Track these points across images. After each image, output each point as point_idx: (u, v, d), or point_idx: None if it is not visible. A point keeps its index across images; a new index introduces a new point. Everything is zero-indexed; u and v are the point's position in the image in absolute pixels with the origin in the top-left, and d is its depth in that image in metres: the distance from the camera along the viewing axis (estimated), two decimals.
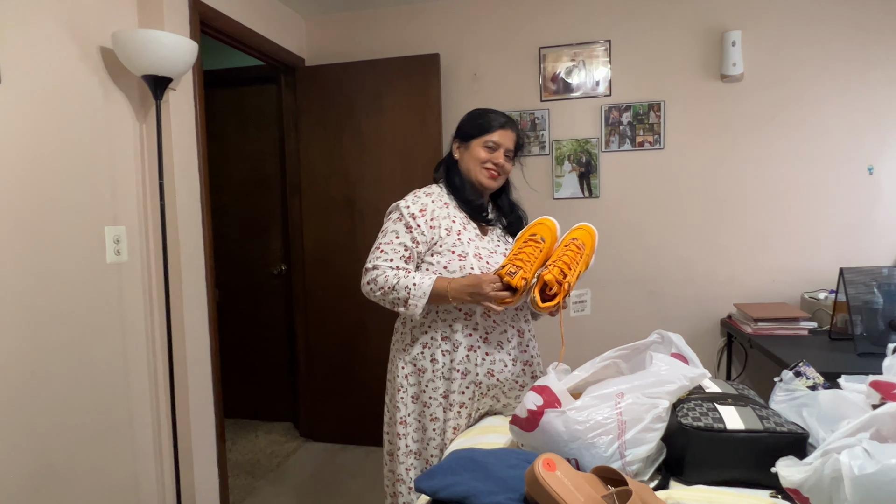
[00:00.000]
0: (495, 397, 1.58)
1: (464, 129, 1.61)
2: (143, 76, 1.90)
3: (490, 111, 1.61)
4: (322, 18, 3.13)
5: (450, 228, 1.54)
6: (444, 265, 1.51)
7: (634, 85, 2.81)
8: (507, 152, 1.57)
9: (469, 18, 2.97)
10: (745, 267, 2.76)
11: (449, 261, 1.51)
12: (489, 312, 1.52)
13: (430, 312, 1.56)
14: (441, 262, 1.52)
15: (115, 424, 1.95)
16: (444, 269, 1.51)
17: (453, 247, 1.52)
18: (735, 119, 2.72)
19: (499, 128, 1.56)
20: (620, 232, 2.87)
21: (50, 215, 1.71)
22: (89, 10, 1.85)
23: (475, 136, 1.57)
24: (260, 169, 3.39)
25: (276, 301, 3.42)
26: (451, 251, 1.52)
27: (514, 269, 1.35)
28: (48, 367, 1.70)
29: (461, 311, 1.53)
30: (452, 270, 1.51)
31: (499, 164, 1.56)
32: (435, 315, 1.55)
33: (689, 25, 2.73)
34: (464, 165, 1.60)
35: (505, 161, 1.57)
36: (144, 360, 2.08)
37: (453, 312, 1.53)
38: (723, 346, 2.78)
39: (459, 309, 1.52)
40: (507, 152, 1.57)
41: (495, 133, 1.55)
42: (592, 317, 2.97)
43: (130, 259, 2.02)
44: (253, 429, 3.40)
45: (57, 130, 1.74)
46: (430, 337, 1.55)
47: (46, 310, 1.70)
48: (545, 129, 2.91)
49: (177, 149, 2.13)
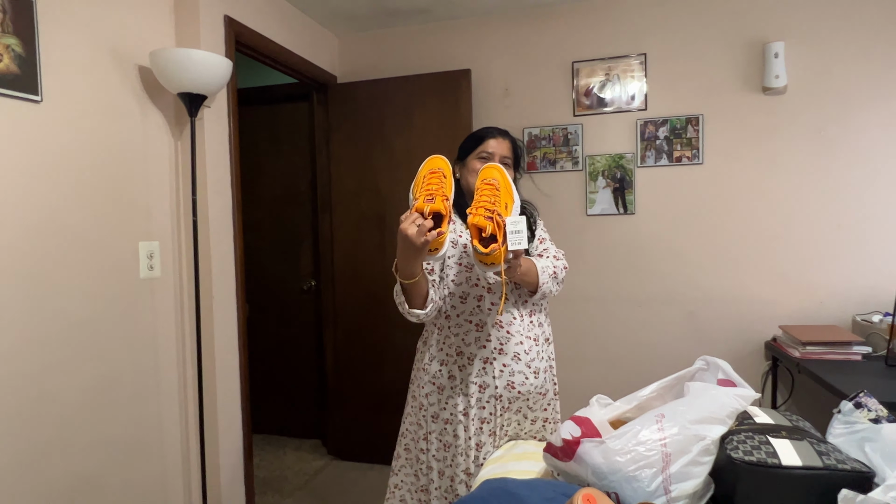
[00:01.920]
0: (520, 412, 1.54)
1: (461, 150, 1.65)
2: (179, 94, 1.93)
3: (484, 127, 1.65)
4: (355, 36, 3.16)
5: (455, 242, 1.54)
6: (452, 278, 1.52)
7: (671, 99, 2.74)
8: (503, 159, 1.57)
9: (501, 34, 2.95)
10: (790, 287, 2.63)
11: (456, 273, 1.52)
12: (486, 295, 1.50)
13: (444, 329, 1.54)
14: (449, 276, 1.52)
15: (145, 439, 1.95)
16: (452, 283, 1.51)
17: (460, 259, 1.52)
18: (778, 133, 2.61)
19: (491, 138, 1.59)
20: (657, 249, 2.78)
21: (87, 231, 1.74)
22: (129, 31, 1.90)
23: (470, 151, 1.61)
24: (292, 185, 3.42)
25: (306, 316, 3.42)
26: (457, 263, 1.52)
27: (431, 196, 1.26)
28: (83, 382, 1.71)
29: (471, 322, 1.51)
30: (459, 283, 1.51)
31: None
32: (448, 331, 1.54)
33: (728, 37, 2.65)
34: (464, 182, 1.62)
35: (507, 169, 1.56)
36: (175, 375, 2.08)
37: (464, 326, 1.51)
38: (767, 370, 2.65)
39: (469, 321, 1.51)
40: (503, 159, 1.57)
41: (488, 143, 1.58)
42: (627, 339, 2.90)
43: (163, 274, 2.04)
44: (281, 445, 3.38)
45: (95, 148, 1.77)
46: (446, 354, 1.54)
47: (81, 324, 1.71)
48: (578, 145, 2.85)
49: (210, 166, 2.15)
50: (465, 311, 1.52)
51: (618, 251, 2.83)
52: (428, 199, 1.25)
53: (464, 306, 1.52)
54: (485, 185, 1.34)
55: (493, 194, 1.30)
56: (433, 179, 1.31)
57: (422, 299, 1.41)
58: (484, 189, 1.32)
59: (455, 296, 1.52)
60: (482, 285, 1.51)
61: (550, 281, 1.52)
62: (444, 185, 1.30)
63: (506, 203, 1.31)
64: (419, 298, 1.41)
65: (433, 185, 1.29)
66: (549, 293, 1.54)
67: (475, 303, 1.51)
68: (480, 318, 1.51)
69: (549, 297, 1.59)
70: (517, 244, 1.24)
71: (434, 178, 1.31)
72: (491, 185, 1.33)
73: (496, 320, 1.50)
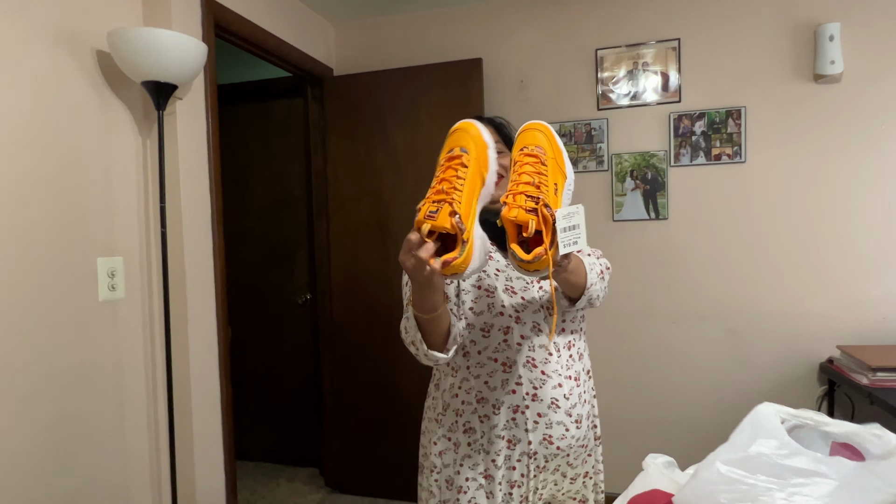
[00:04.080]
0: (558, 470, 1.23)
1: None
2: (143, 82, 1.63)
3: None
4: (353, 24, 2.87)
5: None
6: (470, 305, 1.20)
7: (708, 89, 2.43)
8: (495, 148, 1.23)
9: (515, 19, 2.65)
10: (847, 301, 2.31)
11: (475, 298, 1.20)
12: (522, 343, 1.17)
13: (461, 369, 1.23)
14: (467, 302, 1.21)
15: (107, 490, 1.65)
16: (471, 311, 1.20)
17: (479, 281, 1.21)
18: (833, 126, 2.30)
19: None
20: (693, 259, 2.47)
21: (32, 247, 1.44)
22: (88, 12, 1.61)
23: None
24: (286, 189, 3.13)
25: (302, 332, 3.12)
26: (475, 286, 1.21)
27: (436, 207, 0.88)
28: (32, 427, 1.42)
29: (496, 361, 1.20)
30: (480, 311, 1.19)
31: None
32: (467, 372, 1.22)
33: (774, 19, 2.34)
34: None
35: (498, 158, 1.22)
36: (143, 412, 1.78)
37: (488, 365, 1.20)
38: (822, 394, 2.33)
39: (494, 359, 1.20)
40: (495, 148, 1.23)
41: None
42: (660, 359, 2.58)
43: (128, 295, 1.74)
44: (274, 475, 3.08)
45: (40, 147, 1.47)
46: (462, 401, 1.23)
47: (26, 358, 1.41)
48: (603, 142, 2.55)
49: (184, 168, 1.85)
50: (488, 346, 1.21)
51: (649, 261, 2.52)
52: (432, 212, 0.87)
53: (486, 341, 1.21)
54: (525, 158, 0.94)
55: (537, 171, 0.91)
56: (448, 172, 0.93)
57: (442, 337, 1.08)
58: (524, 163, 0.93)
59: (475, 328, 1.20)
60: (509, 314, 1.20)
61: (599, 282, 1.16)
62: (462, 182, 0.91)
63: (555, 184, 0.93)
64: (439, 336, 1.07)
65: (446, 182, 0.91)
66: (597, 299, 1.17)
67: (501, 336, 1.20)
68: (508, 355, 1.20)
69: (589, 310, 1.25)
70: (571, 244, 0.88)
71: (449, 171, 0.92)
72: (535, 158, 0.93)
73: (527, 357, 1.19)
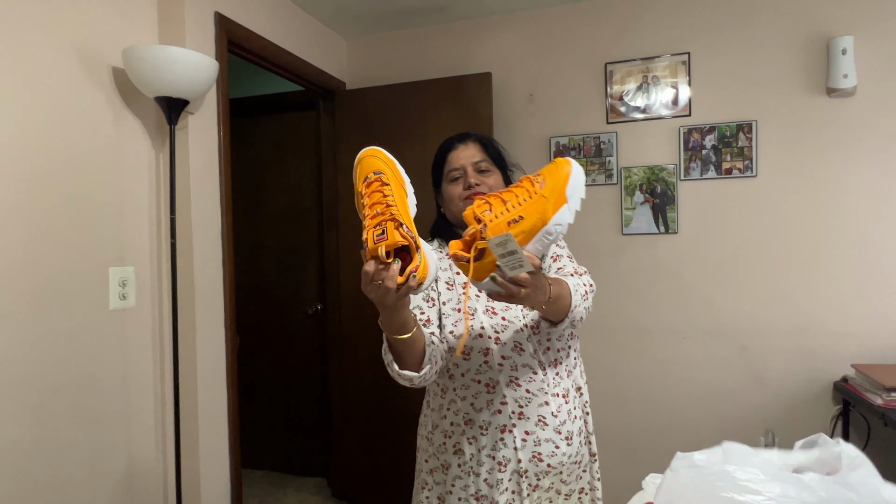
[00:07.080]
0: (552, 488, 1.22)
1: (433, 179, 1.34)
2: (156, 98, 1.68)
3: (443, 142, 1.33)
4: (365, 39, 2.91)
5: (451, 281, 1.23)
6: (451, 329, 1.20)
7: (719, 103, 2.41)
8: (476, 165, 1.26)
9: (524, 33, 2.66)
10: (862, 318, 2.26)
11: (455, 322, 1.20)
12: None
13: (448, 391, 1.24)
14: (447, 326, 1.20)
15: (118, 500, 1.68)
16: (451, 335, 1.19)
17: (458, 304, 1.21)
18: (846, 140, 2.27)
19: (450, 151, 1.28)
20: (703, 274, 2.44)
21: (46, 256, 1.48)
22: (104, 28, 1.67)
23: (439, 174, 1.31)
24: (298, 201, 3.17)
25: (311, 342, 3.14)
26: (455, 309, 1.20)
27: (380, 230, 0.87)
28: (39, 432, 1.45)
29: (479, 382, 1.20)
30: (460, 334, 1.18)
31: (473, 184, 1.24)
32: (453, 394, 1.23)
33: (786, 32, 2.32)
34: (449, 212, 1.31)
35: (479, 176, 1.25)
36: (150, 420, 1.81)
37: (472, 387, 1.21)
38: (836, 414, 2.28)
39: (477, 381, 1.20)
40: (476, 165, 1.26)
41: (450, 159, 1.28)
42: (669, 376, 2.54)
43: (139, 304, 1.78)
44: (282, 484, 3.09)
45: (56, 160, 1.52)
46: (450, 423, 1.23)
47: (35, 363, 1.45)
48: (612, 155, 2.54)
49: (195, 181, 1.89)
50: (470, 369, 1.21)
51: (658, 275, 2.50)
52: (379, 236, 0.86)
53: (468, 363, 1.21)
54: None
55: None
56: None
57: (417, 357, 1.06)
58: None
59: (455, 351, 1.21)
60: (488, 335, 1.19)
61: (582, 302, 1.14)
62: (392, 198, 0.91)
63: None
64: (413, 357, 1.05)
65: (378, 204, 0.91)
66: (580, 320, 1.16)
67: (481, 358, 1.20)
68: (490, 375, 1.19)
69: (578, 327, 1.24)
70: (517, 267, 0.89)
71: (375, 195, 0.92)
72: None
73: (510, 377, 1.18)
